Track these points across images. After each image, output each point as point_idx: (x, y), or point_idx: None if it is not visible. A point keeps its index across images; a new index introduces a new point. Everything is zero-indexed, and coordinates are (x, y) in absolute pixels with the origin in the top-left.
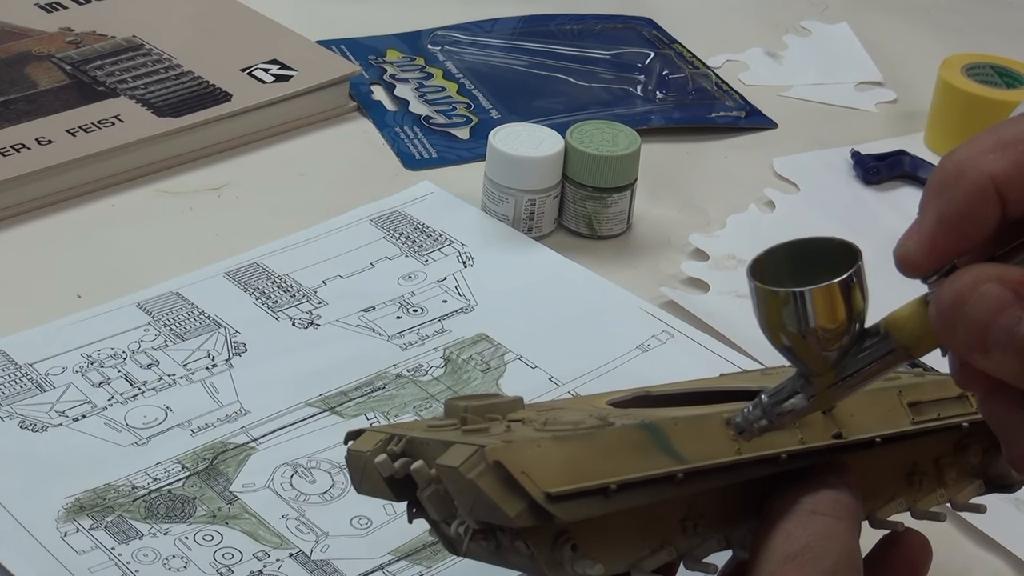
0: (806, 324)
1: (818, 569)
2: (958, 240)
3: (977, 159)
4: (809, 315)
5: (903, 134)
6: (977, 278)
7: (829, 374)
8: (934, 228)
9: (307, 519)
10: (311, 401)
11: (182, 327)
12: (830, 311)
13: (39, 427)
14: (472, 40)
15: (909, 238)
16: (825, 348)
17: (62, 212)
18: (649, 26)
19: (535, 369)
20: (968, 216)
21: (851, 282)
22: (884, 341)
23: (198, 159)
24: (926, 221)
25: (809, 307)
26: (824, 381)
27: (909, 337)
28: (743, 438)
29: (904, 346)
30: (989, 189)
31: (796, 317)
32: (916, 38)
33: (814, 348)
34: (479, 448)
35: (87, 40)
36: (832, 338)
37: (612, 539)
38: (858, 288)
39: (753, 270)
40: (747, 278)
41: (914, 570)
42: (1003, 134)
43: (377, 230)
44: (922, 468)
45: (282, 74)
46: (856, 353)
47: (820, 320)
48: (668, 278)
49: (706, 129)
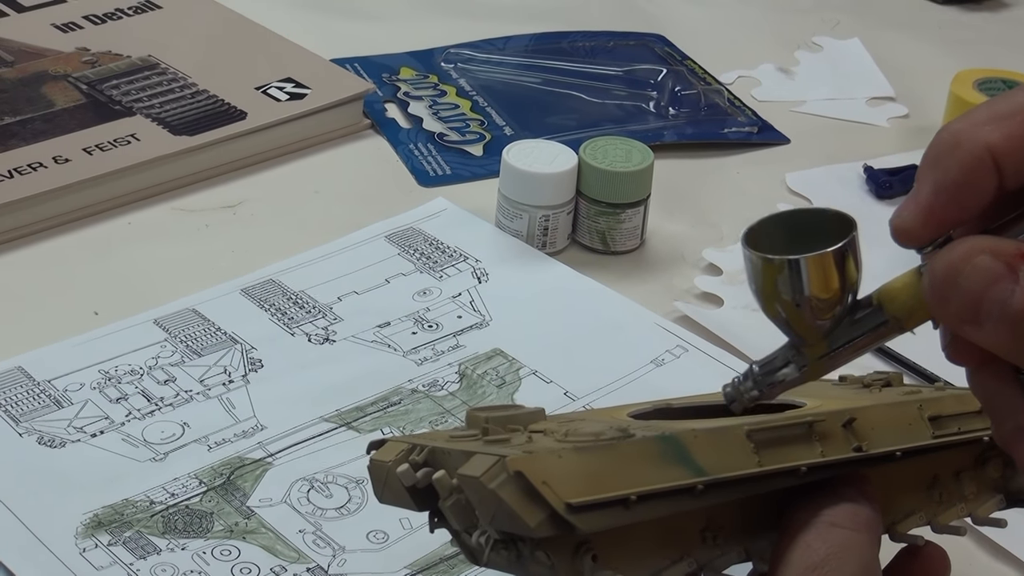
0: (800, 292)
1: None
2: (954, 211)
3: (973, 130)
4: (804, 283)
5: (915, 149)
6: (971, 250)
7: (821, 344)
8: (930, 199)
9: (324, 534)
10: (327, 416)
11: (199, 343)
12: (824, 280)
13: (57, 443)
14: (485, 58)
15: (905, 209)
16: (818, 317)
17: (79, 230)
18: (661, 43)
19: (550, 384)
20: (964, 186)
21: (845, 251)
22: (876, 312)
23: (214, 177)
24: (922, 192)
25: (804, 275)
26: (816, 352)
27: (902, 308)
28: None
29: (896, 317)
30: (986, 159)
31: (790, 285)
32: (927, 54)
33: (807, 317)
34: (500, 458)
35: (103, 60)
36: (825, 307)
37: (632, 550)
38: (852, 258)
39: (747, 239)
40: (741, 246)
41: None
42: (998, 107)
43: (392, 246)
44: (942, 482)
45: (296, 92)
46: (848, 324)
47: (814, 289)
48: (682, 293)
49: (718, 145)
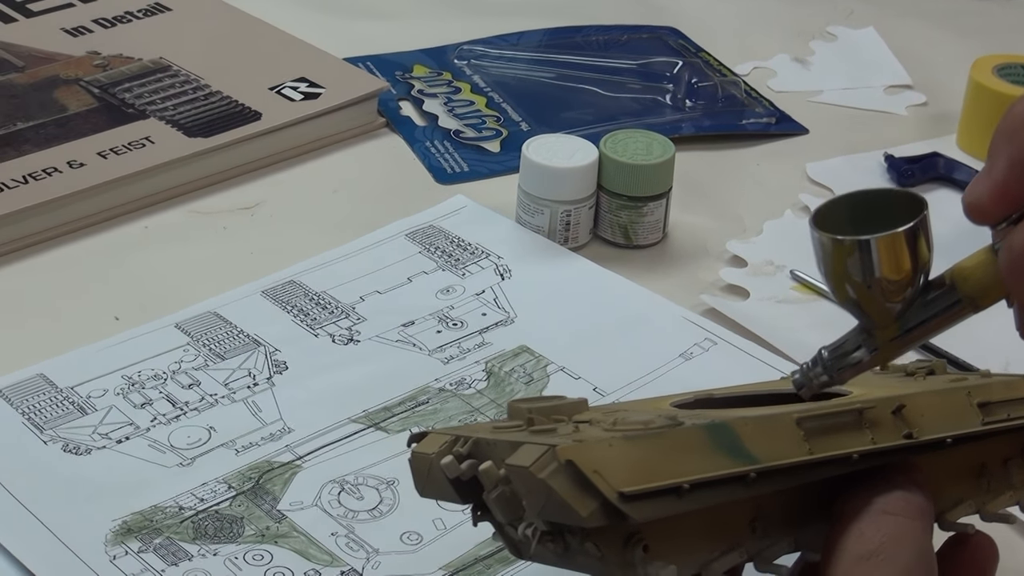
0: (871, 274)
1: (892, 570)
2: None
3: None
4: (875, 264)
5: (934, 136)
6: None
7: (892, 327)
8: (1005, 173)
9: (357, 536)
10: (355, 417)
11: (221, 346)
12: (895, 260)
13: (83, 450)
14: (499, 54)
15: (978, 185)
16: (889, 299)
17: (96, 235)
18: (675, 36)
19: (578, 380)
20: None
21: (917, 231)
22: (949, 292)
23: (230, 178)
24: (997, 167)
25: (875, 256)
26: (887, 334)
27: (976, 287)
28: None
29: (970, 296)
30: None
31: (861, 266)
32: (942, 41)
33: (879, 299)
34: (550, 447)
35: (114, 63)
36: (897, 289)
37: (682, 540)
38: (924, 238)
39: (816, 221)
40: (810, 229)
41: (981, 572)
42: None
43: (413, 245)
44: (990, 470)
45: (311, 92)
46: (921, 305)
47: (885, 270)
48: (707, 286)
49: (737, 136)
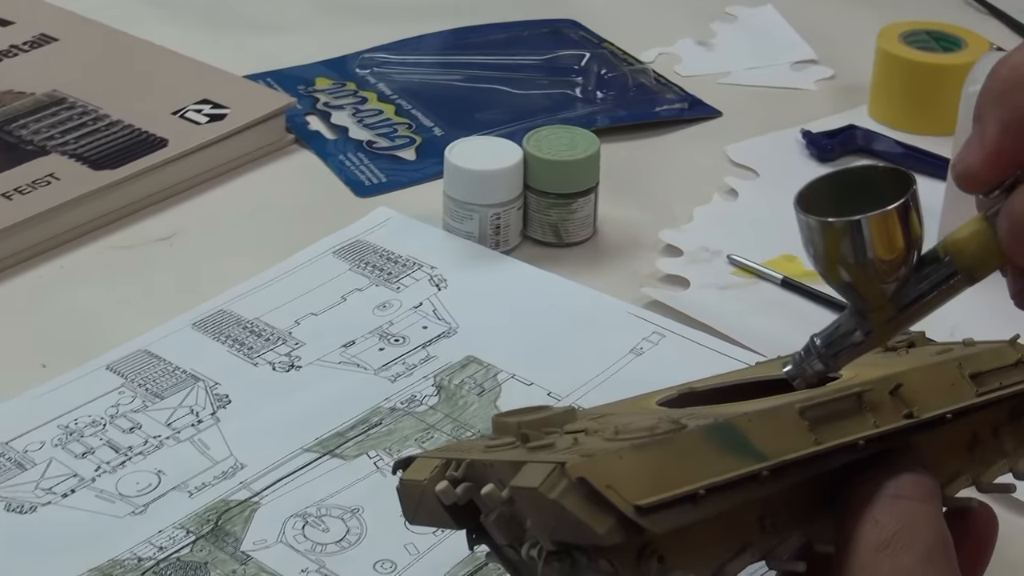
0: (864, 254)
1: (912, 557)
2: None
3: None
4: (867, 244)
5: (847, 109)
6: None
7: (887, 307)
8: (997, 137)
9: (329, 570)
10: (308, 447)
11: (158, 385)
12: (888, 239)
13: (27, 508)
14: (401, 59)
15: (968, 152)
16: (884, 279)
17: (10, 279)
18: (575, 28)
19: (531, 386)
20: None
21: (908, 206)
22: (945, 265)
23: (143, 209)
24: (988, 132)
25: (867, 236)
26: (882, 315)
27: (973, 258)
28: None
29: (967, 268)
30: None
31: (853, 248)
32: (842, 13)
33: (873, 280)
34: (558, 465)
35: (5, 99)
36: (891, 268)
37: (695, 547)
38: (915, 213)
39: (801, 204)
40: (796, 213)
41: (982, 544)
42: None
43: (342, 262)
44: (982, 440)
45: (215, 113)
46: (915, 283)
47: (878, 249)
48: (645, 278)
49: (653, 125)
